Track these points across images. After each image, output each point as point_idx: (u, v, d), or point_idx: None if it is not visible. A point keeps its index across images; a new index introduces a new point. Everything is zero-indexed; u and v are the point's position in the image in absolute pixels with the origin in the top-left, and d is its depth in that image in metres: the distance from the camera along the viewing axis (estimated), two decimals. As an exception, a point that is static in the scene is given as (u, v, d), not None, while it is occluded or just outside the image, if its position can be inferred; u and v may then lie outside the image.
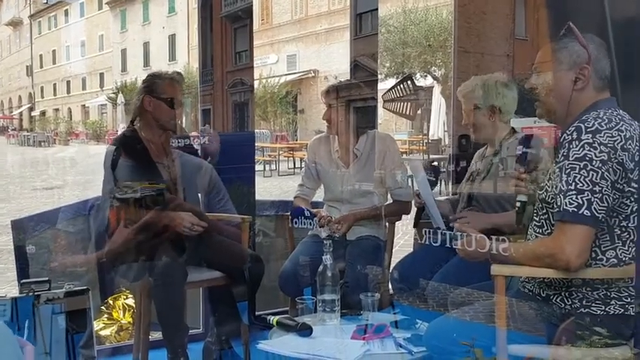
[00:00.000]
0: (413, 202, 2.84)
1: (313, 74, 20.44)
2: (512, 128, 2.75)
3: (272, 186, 10.95)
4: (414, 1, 15.23)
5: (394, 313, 2.55)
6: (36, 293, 1.90)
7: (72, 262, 2.29)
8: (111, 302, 3.37)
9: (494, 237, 1.89)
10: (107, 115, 25.18)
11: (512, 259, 1.83)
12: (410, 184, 3.12)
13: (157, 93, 2.67)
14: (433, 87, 14.43)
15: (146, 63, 24.19)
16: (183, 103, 2.77)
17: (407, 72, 14.48)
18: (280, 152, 14.00)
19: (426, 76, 14.95)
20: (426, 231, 2.34)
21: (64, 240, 3.02)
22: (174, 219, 2.53)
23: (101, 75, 26.56)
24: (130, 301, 3.33)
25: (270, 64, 21.97)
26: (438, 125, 13.30)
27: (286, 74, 21.20)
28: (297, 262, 2.90)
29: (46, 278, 1.99)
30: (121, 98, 17.52)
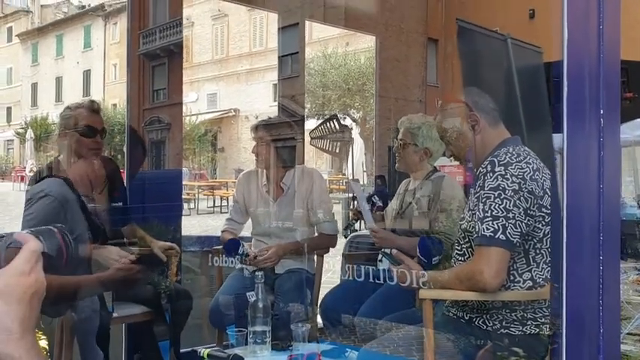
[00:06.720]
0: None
1: (234, 113, 20.43)
2: (435, 167, 2.93)
3: (190, 224, 10.71)
4: (334, 45, 15.71)
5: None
6: None
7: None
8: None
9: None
10: (14, 151, 23.89)
11: (436, 284, 1.94)
12: (335, 217, 3.21)
13: (70, 127, 2.59)
14: (352, 128, 14.81)
15: (58, 98, 23.28)
16: (105, 130, 2.67)
17: (327, 113, 14.81)
18: (199, 190, 13.77)
19: (345, 117, 15.35)
20: (348, 267, 2.43)
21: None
22: (101, 253, 2.47)
23: (8, 109, 25.26)
24: (43, 343, 3.17)
25: (190, 102, 21.71)
26: (356, 165, 13.61)
27: (206, 112, 21.04)
28: (228, 296, 2.90)
29: None
30: (30, 133, 16.67)
